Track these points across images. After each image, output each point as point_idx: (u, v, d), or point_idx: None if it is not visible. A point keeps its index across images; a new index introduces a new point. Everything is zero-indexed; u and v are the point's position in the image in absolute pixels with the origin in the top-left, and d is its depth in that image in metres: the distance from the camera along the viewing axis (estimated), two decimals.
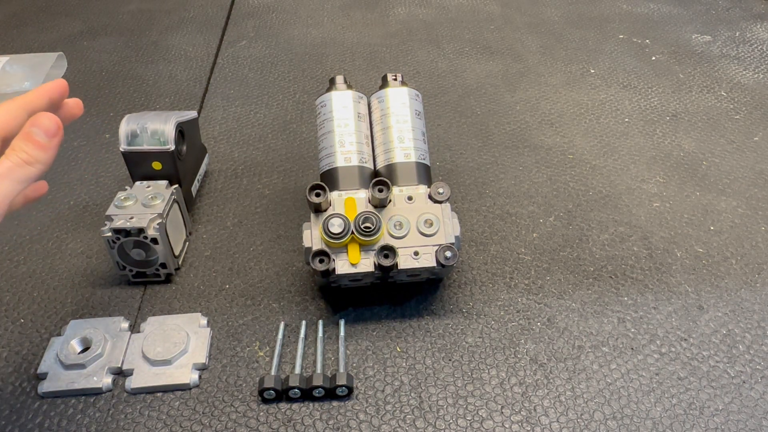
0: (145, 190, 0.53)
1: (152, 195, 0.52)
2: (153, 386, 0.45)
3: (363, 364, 0.47)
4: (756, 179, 0.66)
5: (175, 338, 0.47)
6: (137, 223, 0.49)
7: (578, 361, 0.48)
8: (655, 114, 0.77)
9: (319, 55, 0.90)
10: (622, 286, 0.54)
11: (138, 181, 0.55)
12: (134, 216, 0.50)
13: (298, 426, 0.43)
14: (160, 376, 0.45)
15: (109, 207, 0.51)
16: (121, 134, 0.53)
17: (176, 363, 0.46)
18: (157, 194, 0.52)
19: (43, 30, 0.99)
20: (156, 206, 0.51)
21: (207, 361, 0.47)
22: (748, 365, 0.47)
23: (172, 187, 0.54)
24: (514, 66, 0.87)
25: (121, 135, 0.53)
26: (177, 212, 0.55)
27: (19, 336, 0.49)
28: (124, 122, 0.54)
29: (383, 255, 0.47)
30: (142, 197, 0.52)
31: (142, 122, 0.54)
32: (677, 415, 0.44)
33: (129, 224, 0.49)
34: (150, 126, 0.54)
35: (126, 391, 0.45)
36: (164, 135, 0.54)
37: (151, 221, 0.50)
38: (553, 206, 0.62)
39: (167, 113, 0.56)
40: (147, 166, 0.54)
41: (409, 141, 0.52)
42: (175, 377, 0.45)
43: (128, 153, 0.54)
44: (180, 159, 0.56)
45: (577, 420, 0.44)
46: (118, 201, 0.51)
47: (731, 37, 0.95)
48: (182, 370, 0.46)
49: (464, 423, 0.43)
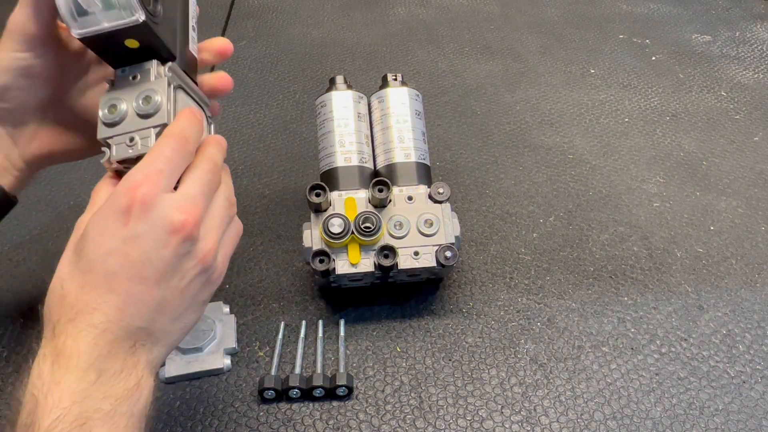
0: (132, 85, 0.39)
1: (145, 94, 0.38)
2: (187, 374, 0.46)
3: (363, 364, 0.47)
4: (756, 179, 0.66)
5: (202, 326, 0.48)
6: (143, 147, 0.37)
7: (578, 361, 0.48)
8: (655, 114, 0.77)
9: (319, 55, 0.90)
10: (622, 286, 0.54)
11: (118, 68, 0.39)
12: (134, 135, 0.37)
13: (298, 426, 0.43)
14: (192, 364, 0.46)
15: (98, 126, 0.38)
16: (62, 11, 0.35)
17: (207, 350, 0.47)
18: (150, 90, 0.38)
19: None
20: (157, 114, 0.37)
21: (237, 345, 0.48)
22: (748, 365, 0.47)
23: (165, 67, 0.39)
24: (514, 66, 0.87)
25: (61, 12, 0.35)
26: (185, 100, 0.41)
27: (19, 336, 0.49)
28: None
29: (383, 255, 0.47)
30: (133, 99, 0.38)
31: None
32: (677, 415, 0.44)
33: (132, 151, 0.37)
34: None
35: (162, 381, 0.46)
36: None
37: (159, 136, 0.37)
38: (553, 206, 0.62)
39: None
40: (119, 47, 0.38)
41: (409, 141, 0.52)
42: (208, 363, 0.46)
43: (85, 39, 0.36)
44: (156, 23, 0.38)
45: (577, 420, 0.44)
46: (105, 115, 0.38)
47: (731, 37, 0.95)
48: (214, 356, 0.47)
49: (464, 423, 0.43)
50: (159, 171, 0.33)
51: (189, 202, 0.33)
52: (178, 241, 0.32)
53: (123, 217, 0.32)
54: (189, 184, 0.34)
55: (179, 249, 0.32)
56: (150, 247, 0.32)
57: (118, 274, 0.31)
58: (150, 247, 0.32)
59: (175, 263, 0.33)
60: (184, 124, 0.36)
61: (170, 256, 0.32)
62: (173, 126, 0.36)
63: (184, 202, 0.33)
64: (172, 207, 0.32)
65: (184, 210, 0.32)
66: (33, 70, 0.38)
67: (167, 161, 0.33)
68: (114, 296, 0.31)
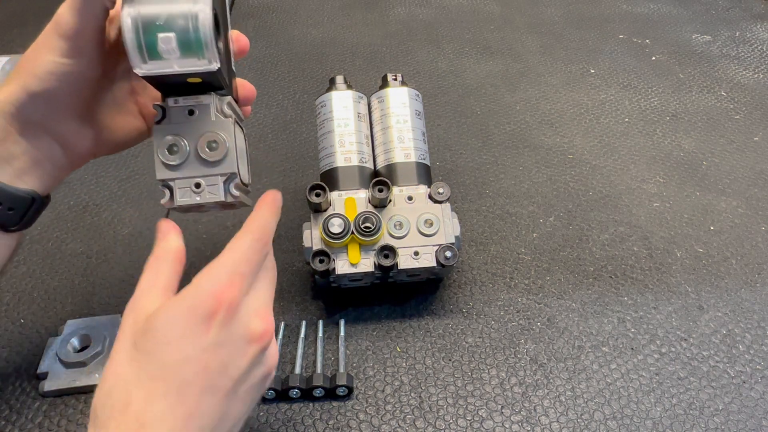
0: (191, 122, 0.36)
1: (211, 138, 0.36)
2: None
3: (363, 364, 0.47)
4: (756, 179, 0.66)
5: None
6: (210, 195, 0.36)
7: (578, 361, 0.48)
8: (655, 114, 0.77)
9: (319, 55, 0.90)
10: (622, 286, 0.54)
11: (170, 98, 0.37)
12: (200, 182, 0.36)
13: (298, 426, 0.43)
14: None
15: (156, 166, 0.36)
16: (130, 51, 0.32)
17: None
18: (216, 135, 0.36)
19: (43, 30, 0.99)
20: (225, 162, 0.35)
21: None
22: (748, 365, 0.47)
23: (224, 103, 0.37)
24: (514, 66, 0.87)
25: (129, 51, 0.32)
26: (239, 133, 0.38)
27: (19, 336, 0.49)
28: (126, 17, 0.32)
29: (383, 255, 0.47)
30: (196, 140, 0.36)
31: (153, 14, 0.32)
32: (677, 415, 0.44)
33: (200, 198, 0.36)
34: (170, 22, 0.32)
35: None
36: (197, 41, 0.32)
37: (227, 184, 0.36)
38: (553, 206, 0.62)
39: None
40: (180, 83, 0.36)
41: (409, 141, 0.52)
42: None
43: (147, 77, 0.34)
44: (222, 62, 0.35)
45: (577, 420, 0.44)
46: (165, 155, 0.36)
47: (731, 37, 0.95)
48: None
49: (464, 423, 0.43)
50: (242, 275, 0.31)
51: (264, 308, 0.32)
52: (257, 351, 0.31)
53: (205, 323, 0.29)
54: (261, 283, 0.33)
55: (256, 358, 0.31)
56: (229, 356, 0.30)
57: (193, 385, 0.29)
58: (229, 356, 0.30)
59: (248, 371, 0.31)
60: (266, 218, 0.35)
61: (246, 365, 0.31)
62: (255, 221, 0.34)
63: (260, 308, 0.32)
64: (253, 314, 0.31)
65: (263, 317, 0.32)
66: (79, 76, 0.37)
67: (248, 263, 0.32)
68: (182, 408, 0.29)
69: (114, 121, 0.42)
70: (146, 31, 0.32)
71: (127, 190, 0.65)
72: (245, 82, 0.44)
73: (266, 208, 0.36)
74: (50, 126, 0.38)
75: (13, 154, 0.37)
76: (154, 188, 0.65)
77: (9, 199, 0.37)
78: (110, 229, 0.60)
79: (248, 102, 0.44)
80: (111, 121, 0.42)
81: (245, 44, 0.42)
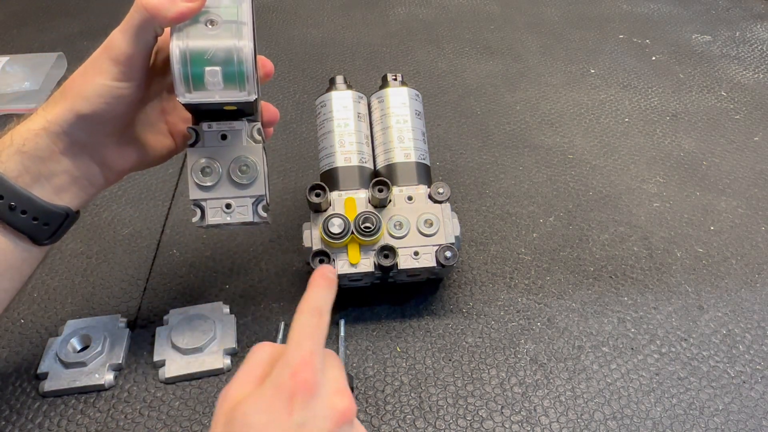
0: (224, 146, 0.39)
1: (242, 162, 0.39)
2: (187, 374, 0.46)
3: (363, 364, 0.47)
4: (756, 179, 0.66)
5: (202, 327, 0.48)
6: (239, 216, 0.39)
7: (578, 361, 0.48)
8: (655, 114, 0.77)
9: (319, 55, 0.90)
10: (622, 286, 0.54)
11: (204, 122, 0.40)
12: (231, 203, 0.39)
13: None
14: (192, 364, 0.46)
15: (190, 186, 0.39)
16: (177, 80, 0.35)
17: (207, 350, 0.47)
18: (248, 159, 0.39)
19: (43, 30, 0.99)
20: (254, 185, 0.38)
21: (237, 346, 0.48)
22: (748, 365, 0.47)
23: (254, 129, 0.40)
24: (514, 66, 0.87)
25: (176, 80, 0.35)
26: (265, 160, 0.41)
27: (19, 336, 0.49)
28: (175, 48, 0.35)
29: (383, 255, 0.47)
30: (227, 163, 0.39)
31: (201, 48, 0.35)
32: (677, 415, 0.44)
33: (230, 219, 0.39)
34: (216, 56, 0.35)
35: (161, 381, 0.46)
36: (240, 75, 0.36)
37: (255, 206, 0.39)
38: (553, 206, 0.62)
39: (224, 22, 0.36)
40: (216, 111, 0.39)
41: (409, 141, 0.52)
42: (208, 363, 0.46)
43: (188, 104, 0.37)
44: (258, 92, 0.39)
45: (577, 420, 0.44)
46: (199, 177, 0.39)
47: (731, 37, 0.95)
48: (214, 356, 0.47)
49: (464, 423, 0.43)
50: (311, 352, 0.32)
51: (344, 387, 0.33)
52: (341, 428, 0.31)
53: (288, 405, 0.30)
54: (330, 363, 0.34)
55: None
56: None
57: None
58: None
59: None
60: (321, 296, 0.36)
61: None
62: (310, 299, 0.35)
63: (340, 388, 0.32)
64: (334, 392, 0.32)
65: (345, 394, 0.32)
66: (125, 99, 0.38)
67: (313, 341, 0.33)
68: None
69: (147, 141, 0.43)
70: (194, 63, 0.35)
71: (127, 190, 0.65)
72: (269, 105, 0.45)
73: (319, 285, 0.37)
74: (93, 146, 0.40)
75: (53, 172, 0.38)
76: (154, 188, 0.65)
77: (45, 214, 0.38)
78: (110, 229, 0.60)
79: (271, 124, 0.46)
80: (145, 140, 0.43)
81: (270, 69, 0.44)
